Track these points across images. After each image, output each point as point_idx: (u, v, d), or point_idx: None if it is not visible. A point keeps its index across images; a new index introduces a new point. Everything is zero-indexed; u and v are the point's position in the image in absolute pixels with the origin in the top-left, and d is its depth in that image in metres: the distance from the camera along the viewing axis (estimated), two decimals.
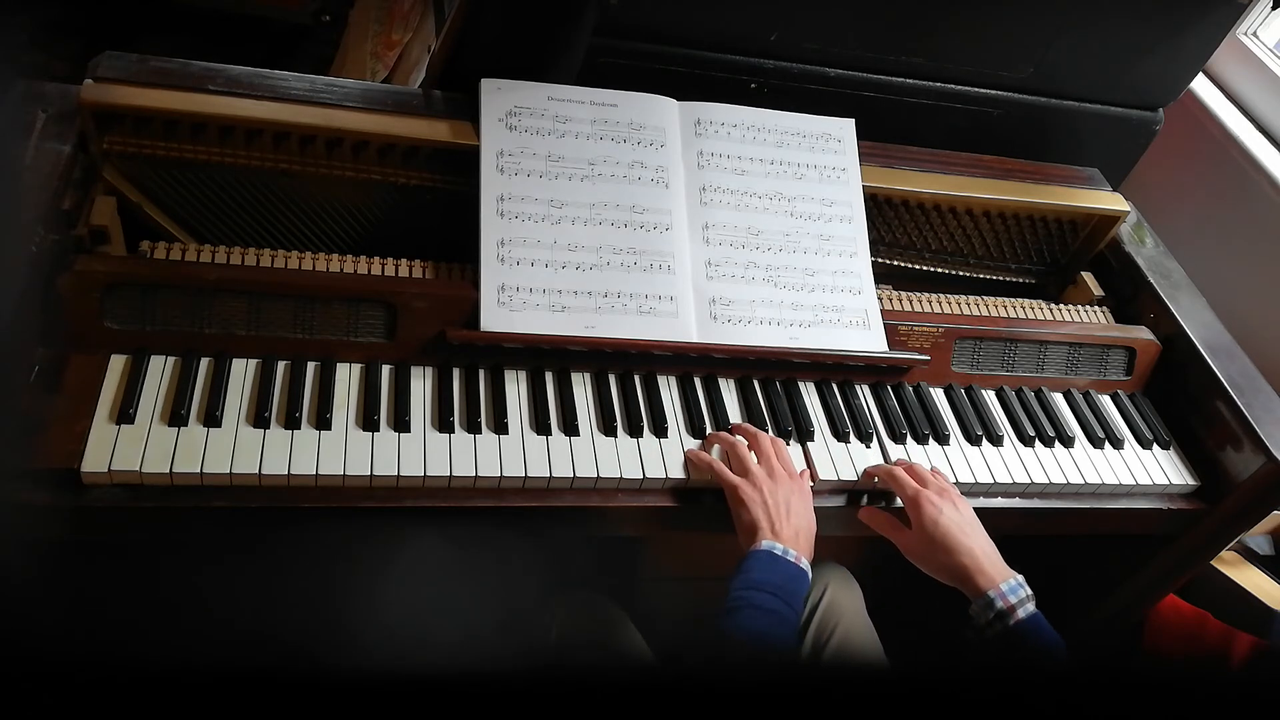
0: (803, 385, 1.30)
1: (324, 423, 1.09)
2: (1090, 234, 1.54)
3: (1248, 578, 1.60)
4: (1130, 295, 1.51)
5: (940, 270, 1.52)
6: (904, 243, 1.49)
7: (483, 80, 1.25)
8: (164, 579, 1.25)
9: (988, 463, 1.29)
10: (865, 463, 1.24)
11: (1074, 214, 1.51)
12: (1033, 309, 1.46)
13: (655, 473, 1.16)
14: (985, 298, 1.45)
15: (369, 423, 1.10)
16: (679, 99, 1.33)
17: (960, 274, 1.53)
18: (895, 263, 1.50)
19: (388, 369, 1.17)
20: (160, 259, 1.13)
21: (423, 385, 1.16)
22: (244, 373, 1.12)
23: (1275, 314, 1.73)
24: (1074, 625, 1.15)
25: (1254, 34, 1.91)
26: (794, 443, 1.24)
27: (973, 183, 1.45)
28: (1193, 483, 1.35)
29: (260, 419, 1.08)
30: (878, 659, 1.27)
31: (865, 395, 1.32)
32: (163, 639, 1.21)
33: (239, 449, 1.05)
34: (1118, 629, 1.56)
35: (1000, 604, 1.06)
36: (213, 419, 1.06)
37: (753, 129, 1.35)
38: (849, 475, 1.22)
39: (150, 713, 0.49)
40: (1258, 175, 1.77)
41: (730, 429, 1.21)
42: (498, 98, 1.25)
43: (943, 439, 1.30)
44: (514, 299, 1.19)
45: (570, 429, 1.17)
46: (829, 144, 1.37)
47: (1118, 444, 1.37)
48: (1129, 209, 1.51)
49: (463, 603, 1.19)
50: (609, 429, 1.18)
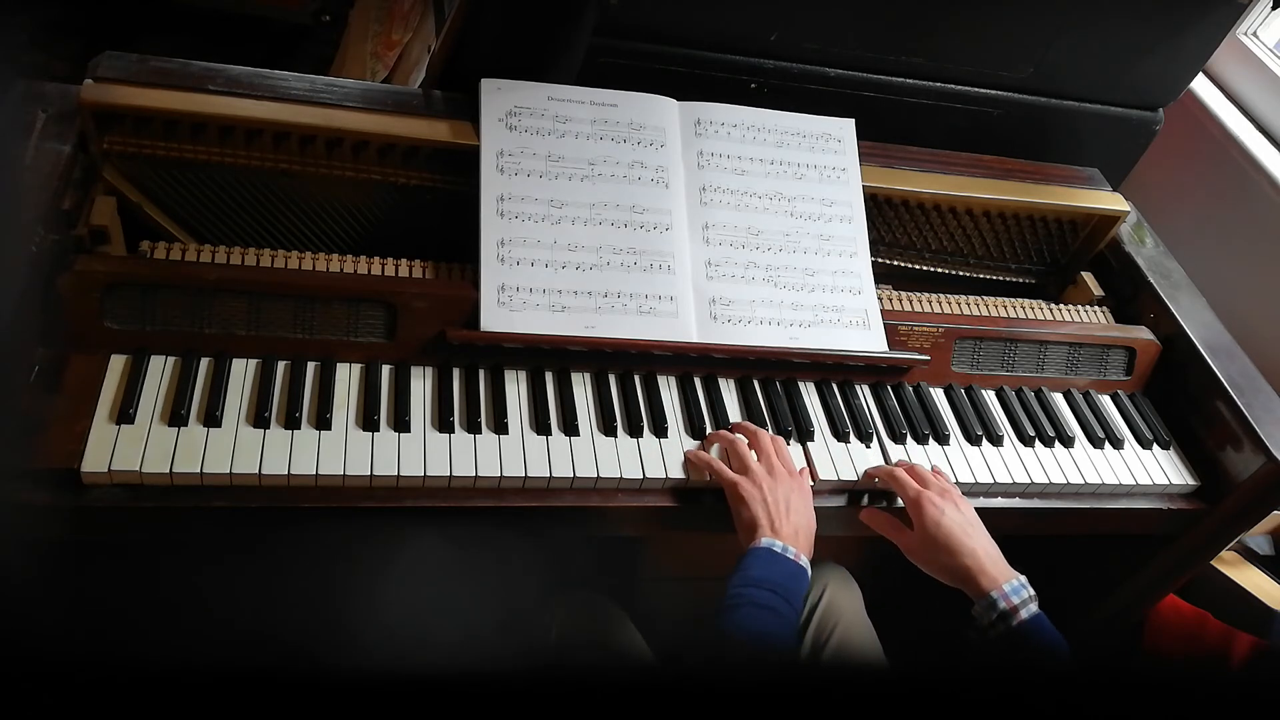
0: (803, 385, 1.30)
1: (324, 423, 1.09)
2: (1090, 234, 1.54)
3: (1248, 578, 1.60)
4: (1130, 295, 1.51)
5: (940, 270, 1.52)
6: (904, 243, 1.49)
7: (483, 80, 1.26)
8: (164, 579, 1.25)
9: (988, 463, 1.29)
10: (865, 463, 1.24)
11: (1074, 214, 1.51)
12: (1033, 309, 1.46)
13: (655, 473, 1.16)
14: (985, 298, 1.45)
15: (369, 423, 1.10)
16: (679, 99, 1.33)
17: (960, 274, 1.53)
18: (895, 263, 1.50)
19: (388, 369, 1.17)
20: (160, 259, 1.13)
21: (423, 385, 1.16)
22: (244, 373, 1.12)
23: (1275, 314, 1.73)
24: (1074, 625, 1.15)
25: (1254, 34, 1.91)
26: (794, 442, 1.24)
27: (973, 183, 1.45)
28: (1193, 483, 1.35)
29: (260, 419, 1.08)
30: (877, 659, 1.27)
31: (865, 395, 1.32)
32: (163, 639, 1.21)
33: (239, 449, 1.05)
34: (1118, 629, 1.56)
35: (1003, 605, 1.06)
36: (213, 419, 1.06)
37: (753, 129, 1.35)
38: (849, 475, 1.22)
39: (150, 713, 0.49)
40: (1258, 175, 1.77)
41: (730, 427, 1.21)
42: (498, 98, 1.25)
43: (943, 439, 1.30)
44: (514, 299, 1.19)
45: (570, 429, 1.17)
46: (829, 144, 1.37)
47: (1118, 444, 1.37)
48: (1129, 209, 1.51)
49: (463, 603, 1.19)
50: (609, 429, 1.18)
